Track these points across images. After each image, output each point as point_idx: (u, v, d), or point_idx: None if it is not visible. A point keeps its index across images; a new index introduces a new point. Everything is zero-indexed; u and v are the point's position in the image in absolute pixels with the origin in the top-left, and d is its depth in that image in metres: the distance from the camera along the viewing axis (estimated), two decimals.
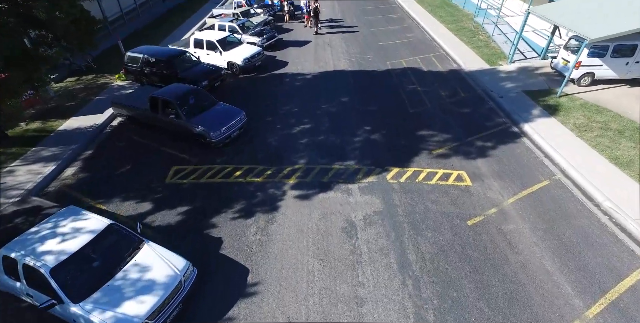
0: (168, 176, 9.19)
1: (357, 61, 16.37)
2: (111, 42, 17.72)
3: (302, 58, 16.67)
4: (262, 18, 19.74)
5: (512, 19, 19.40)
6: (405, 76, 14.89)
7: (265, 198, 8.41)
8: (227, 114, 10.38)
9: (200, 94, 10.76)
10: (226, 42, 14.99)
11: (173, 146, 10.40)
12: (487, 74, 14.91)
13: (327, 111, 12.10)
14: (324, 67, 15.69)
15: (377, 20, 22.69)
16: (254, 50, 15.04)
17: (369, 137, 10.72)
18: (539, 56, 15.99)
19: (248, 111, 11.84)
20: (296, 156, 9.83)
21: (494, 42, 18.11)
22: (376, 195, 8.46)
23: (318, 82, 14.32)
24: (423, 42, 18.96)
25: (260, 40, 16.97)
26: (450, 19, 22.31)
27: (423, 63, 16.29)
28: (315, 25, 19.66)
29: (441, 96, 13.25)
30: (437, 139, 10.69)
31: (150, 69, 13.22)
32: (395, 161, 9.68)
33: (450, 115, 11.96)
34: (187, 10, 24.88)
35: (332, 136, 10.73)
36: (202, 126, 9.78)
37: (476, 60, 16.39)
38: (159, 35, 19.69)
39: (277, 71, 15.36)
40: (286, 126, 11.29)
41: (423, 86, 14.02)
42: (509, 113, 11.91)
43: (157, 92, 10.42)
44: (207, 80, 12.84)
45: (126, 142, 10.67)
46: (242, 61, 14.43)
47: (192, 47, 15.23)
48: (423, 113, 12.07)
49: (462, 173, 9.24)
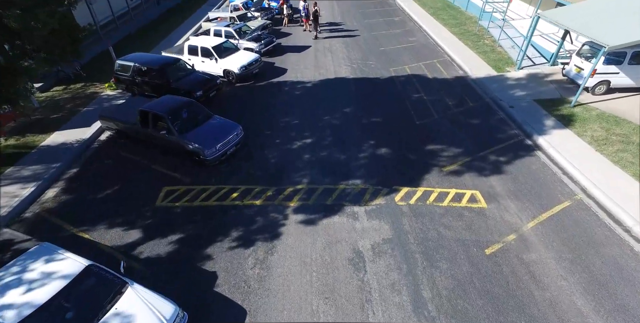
0: (159, 198, 8.48)
1: (359, 68, 15.70)
2: (102, 48, 16.98)
3: (301, 64, 15.99)
4: (260, 22, 19.05)
5: (517, 22, 18.76)
6: (409, 84, 14.23)
7: (265, 223, 7.72)
8: (223, 129, 9.69)
9: (194, 107, 10.06)
10: (222, 49, 14.29)
11: (165, 163, 9.69)
12: (495, 81, 14.28)
13: (329, 123, 11.42)
14: (324, 74, 15.02)
15: (378, 24, 22.04)
16: (251, 57, 14.35)
17: (375, 152, 10.05)
18: (548, 62, 15.37)
19: (245, 123, 11.18)
20: (297, 175, 9.15)
21: (500, 46, 17.49)
22: (385, 220, 7.79)
23: (319, 90, 13.64)
24: (426, 47, 18.31)
25: (257, 45, 16.28)
26: (453, 22, 21.68)
27: (427, 69, 15.64)
28: (315, 29, 18.99)
29: (448, 106, 12.59)
30: (447, 154, 10.03)
31: (142, 78, 12.50)
32: (403, 179, 9.02)
33: (459, 126, 11.31)
34: (182, 13, 24.15)
35: (335, 152, 10.05)
36: (196, 142, 9.08)
37: (482, 66, 15.76)
38: (153, 40, 18.96)
39: (276, 78, 14.67)
40: (286, 140, 10.60)
41: (429, 95, 13.37)
42: (521, 124, 11.27)
43: (148, 106, 9.72)
44: (202, 90, 12.14)
45: (114, 159, 9.95)
46: (239, 68, 13.74)
47: (186, 54, 14.53)
48: (430, 125, 11.41)
49: (476, 193, 8.58)
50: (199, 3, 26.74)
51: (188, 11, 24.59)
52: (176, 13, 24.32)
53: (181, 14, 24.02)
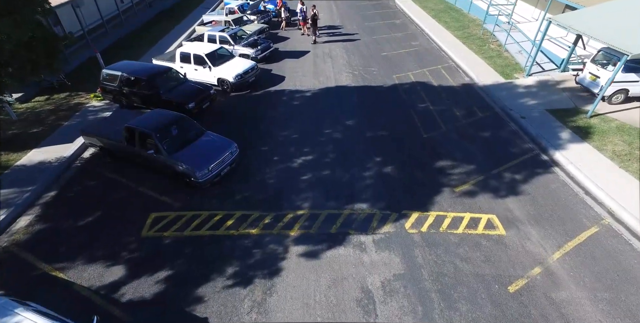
0: (145, 226, 7.69)
1: (361, 75, 14.96)
2: (89, 54, 16.09)
3: (300, 72, 15.22)
4: (256, 26, 18.26)
5: (524, 25, 18.09)
6: (414, 92, 13.50)
7: (263, 257, 6.95)
8: (216, 148, 8.90)
9: (184, 123, 9.27)
10: (216, 56, 13.49)
11: (153, 185, 8.90)
12: (504, 89, 13.57)
13: (331, 138, 10.66)
14: (324, 82, 14.26)
15: (379, 27, 21.30)
16: (247, 65, 13.56)
17: (381, 170, 9.30)
18: (558, 68, 14.68)
19: (241, 137, 10.42)
20: (298, 198, 8.38)
21: (507, 51, 16.80)
22: (395, 251, 7.04)
23: (319, 100, 12.88)
24: (430, 52, 17.59)
25: (254, 52, 15.49)
26: (456, 25, 20.99)
27: (432, 76, 14.92)
28: (314, 33, 18.22)
29: (456, 117, 11.87)
30: (458, 171, 9.30)
31: (130, 88, 11.69)
32: (413, 202, 8.27)
33: (470, 140, 10.58)
34: (175, 16, 23.32)
35: (338, 170, 9.29)
36: (186, 163, 8.30)
37: (489, 72, 15.06)
38: (144, 45, 18.13)
39: (273, 87, 13.90)
40: (285, 157, 9.83)
41: (435, 104, 12.64)
42: (535, 137, 10.56)
43: (134, 122, 8.91)
44: (195, 102, 11.34)
45: (98, 180, 9.14)
46: (234, 77, 12.95)
47: (178, 61, 13.72)
48: (439, 138, 10.68)
49: (493, 217, 7.85)
50: (193, 5, 25.93)
51: (181, 14, 23.76)
52: (169, 16, 23.49)
53: (174, 16, 23.19)
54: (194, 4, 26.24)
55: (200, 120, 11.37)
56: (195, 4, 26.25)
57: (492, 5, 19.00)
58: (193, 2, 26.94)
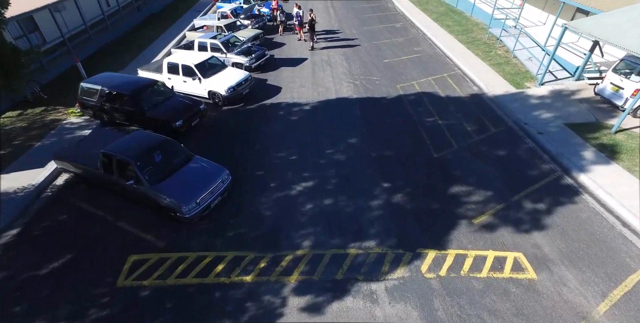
0: (122, 273, 6.65)
1: (362, 85, 13.98)
2: (71, 62, 14.93)
3: (297, 82, 14.21)
4: (251, 32, 17.22)
5: (530, 30, 17.21)
6: (420, 104, 12.55)
7: (258, 312, 5.95)
8: (206, 176, 7.88)
9: (169, 147, 8.24)
10: (206, 67, 12.45)
11: (134, 218, 7.86)
12: (516, 100, 12.67)
13: (333, 160, 9.67)
14: (324, 93, 13.26)
15: (379, 31, 20.35)
16: (240, 76, 12.52)
17: (390, 199, 8.33)
18: (572, 76, 13.81)
19: (234, 160, 9.44)
20: (298, 235, 7.38)
21: (515, 57, 15.91)
22: (411, 302, 6.07)
23: (319, 115, 11.87)
24: (434, 58, 16.66)
25: (248, 60, 14.47)
26: (459, 29, 20.10)
27: (438, 86, 13.99)
28: (311, 39, 17.22)
29: (467, 132, 10.94)
30: (475, 199, 8.36)
31: (111, 104, 10.62)
32: (428, 238, 7.31)
33: (484, 160, 9.65)
34: (165, 20, 22.21)
35: (342, 199, 8.30)
36: (171, 195, 7.27)
37: (499, 81, 14.16)
38: (130, 53, 17.02)
39: (269, 99, 12.88)
40: (282, 183, 8.83)
41: (444, 118, 11.70)
42: (556, 157, 9.65)
43: (112, 147, 7.87)
44: (182, 119, 10.31)
45: (70, 213, 8.07)
46: (227, 90, 11.92)
47: (166, 72, 12.66)
48: (451, 159, 9.74)
49: (519, 256, 6.91)
50: (184, 8, 24.83)
51: (171, 18, 22.66)
52: (158, 20, 22.37)
53: (164, 21, 22.08)
54: (185, 7, 25.13)
55: (188, 139, 10.39)
56: (186, 7, 25.15)
57: (498, 9, 18.11)
58: (184, 5, 25.84)
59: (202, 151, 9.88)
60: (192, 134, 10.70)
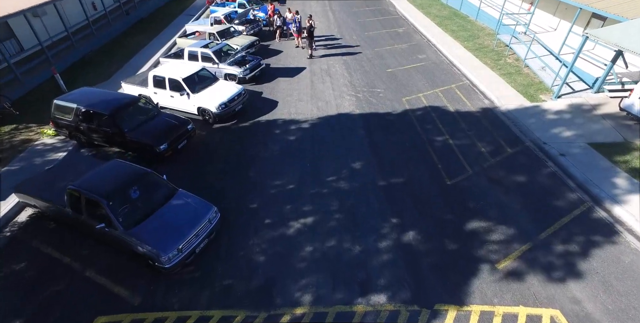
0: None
1: (365, 98, 12.97)
2: (48, 74, 13.81)
3: (295, 95, 13.17)
4: (245, 40, 16.15)
5: (541, 36, 16.23)
6: (429, 121, 11.56)
7: None
8: (190, 216, 6.85)
9: (149, 182, 7.20)
10: (195, 81, 11.40)
11: (106, 267, 6.80)
12: (531, 115, 11.71)
13: (336, 189, 8.65)
14: (324, 108, 12.23)
15: (381, 37, 19.34)
16: (232, 90, 11.48)
17: (400, 238, 7.33)
18: (591, 88, 12.85)
19: (224, 189, 8.43)
20: (296, 287, 6.36)
21: (527, 67, 14.96)
22: None
23: (319, 135, 10.82)
24: (440, 67, 15.67)
25: (242, 71, 13.42)
26: (464, 35, 19.12)
27: (447, 98, 13.00)
28: (310, 46, 16.18)
29: (482, 154, 9.96)
30: (496, 237, 7.37)
31: (88, 125, 9.56)
32: (446, 290, 6.31)
33: (502, 188, 8.67)
34: (155, 24, 21.11)
35: (346, 240, 7.29)
36: (149, 243, 6.23)
37: (511, 93, 13.19)
38: (116, 62, 15.93)
39: (264, 116, 11.83)
40: (278, 219, 7.80)
41: (455, 137, 10.71)
42: (583, 184, 8.67)
43: (81, 183, 6.82)
44: (168, 142, 9.26)
45: (32, 260, 6.97)
46: (218, 107, 10.87)
47: (152, 86, 11.60)
48: (466, 186, 8.75)
49: (557, 315, 5.93)
50: (176, 12, 23.74)
51: (162, 22, 21.57)
52: (148, 25, 21.28)
53: (154, 26, 20.99)
54: (177, 11, 24.04)
55: (173, 164, 9.37)
56: (178, 11, 24.06)
57: (507, 15, 17.13)
58: (176, 8, 24.75)
59: (188, 180, 8.88)
60: (178, 157, 9.66)
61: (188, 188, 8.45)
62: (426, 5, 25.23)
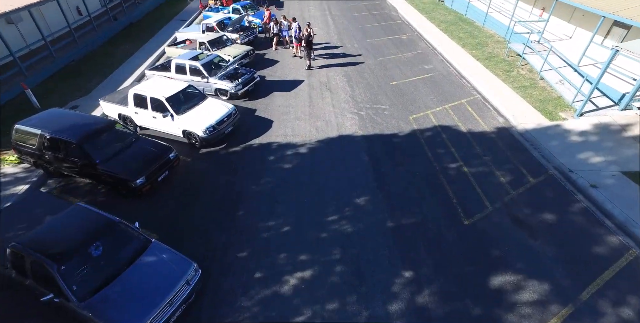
0: None
1: (369, 116, 11.81)
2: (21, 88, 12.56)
3: (292, 112, 12.00)
4: (239, 50, 14.96)
5: (556, 45, 15.10)
6: (440, 144, 10.42)
7: None
8: (163, 278, 5.68)
9: (115, 234, 6.01)
10: (181, 100, 10.23)
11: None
12: (552, 137, 10.60)
13: (338, 233, 7.49)
14: (323, 129, 11.07)
15: (384, 45, 18.19)
16: (222, 111, 10.30)
17: (415, 299, 6.18)
18: (617, 105, 11.74)
19: (208, 233, 7.26)
20: None
21: (543, 79, 13.85)
22: None
23: (318, 162, 9.65)
24: (448, 79, 14.54)
25: (233, 86, 12.24)
26: (472, 42, 18.01)
27: (458, 116, 11.87)
28: (308, 57, 15.01)
29: (501, 185, 8.83)
30: (528, 296, 6.24)
31: (55, 153, 8.37)
32: None
33: (529, 230, 7.55)
34: (144, 32, 19.90)
35: (351, 302, 6.14)
36: (109, 318, 5.06)
37: (527, 110, 12.09)
38: (97, 74, 14.69)
39: (257, 138, 10.64)
40: (271, 273, 6.64)
41: (470, 164, 9.58)
42: (623, 224, 7.56)
43: (27, 239, 5.64)
44: (146, 175, 8.08)
45: None
46: (205, 131, 9.69)
47: (132, 105, 10.42)
48: (486, 228, 7.62)
49: None
50: (167, 17, 22.53)
51: (152, 29, 20.36)
52: (138, 31, 20.07)
53: (143, 32, 19.79)
54: (169, 16, 22.84)
55: (150, 200, 8.22)
56: (169, 15, 22.86)
57: (520, 22, 16.01)
58: (168, 13, 23.56)
59: (168, 221, 7.71)
60: (158, 192, 8.49)
61: (166, 232, 7.33)
62: (430, 9, 24.12)
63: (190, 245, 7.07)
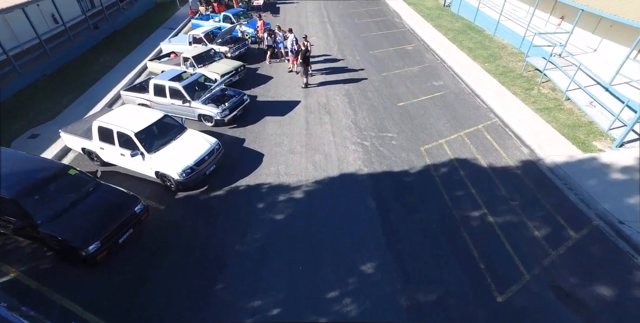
0: None
1: (374, 147, 10.26)
2: None
3: (286, 143, 10.42)
4: (228, 67, 13.34)
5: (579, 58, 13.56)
6: (458, 183, 8.89)
7: None
8: None
9: None
10: (154, 134, 8.65)
11: None
12: (590, 174, 9.10)
13: (341, 315, 5.93)
14: (322, 165, 9.50)
15: (388, 56, 16.64)
16: (202, 147, 8.70)
17: None
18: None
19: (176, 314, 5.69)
20: None
21: (569, 100, 12.33)
22: None
23: (315, 212, 8.02)
24: (461, 99, 13.01)
25: (219, 112, 10.65)
26: (484, 54, 16.50)
27: (475, 146, 10.35)
28: (305, 74, 13.44)
29: (537, 241, 7.33)
30: None
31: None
32: None
33: (580, 309, 6.03)
34: (127, 40, 18.30)
35: None
36: None
37: (554, 138, 10.60)
38: (69, 92, 13.04)
39: (245, 178, 9.05)
40: None
41: (496, 211, 8.07)
42: None
43: None
44: (101, 239, 6.50)
45: None
46: (181, 173, 8.09)
47: (97, 139, 8.85)
48: (525, 305, 6.12)
49: None
50: (155, 24, 20.92)
51: (137, 36, 18.78)
52: (121, 40, 18.48)
53: (127, 41, 18.19)
54: (156, 23, 21.23)
55: (106, 269, 6.63)
56: (157, 22, 21.25)
57: (540, 35, 14.47)
58: (156, 19, 21.94)
59: (124, 303, 6.12)
60: (118, 256, 6.91)
61: (121, 319, 5.76)
62: (435, 16, 22.59)
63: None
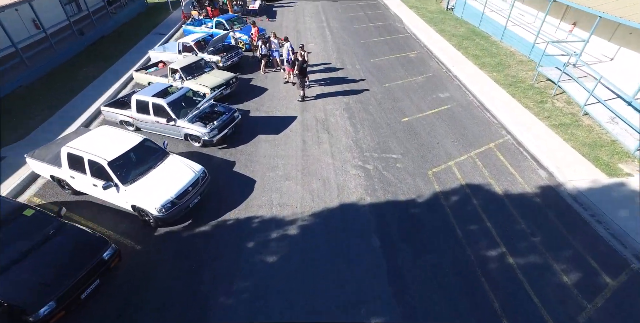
0: None
1: (377, 171, 9.30)
2: None
3: (280, 167, 9.45)
4: (218, 78, 12.36)
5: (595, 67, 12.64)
6: (471, 215, 7.95)
7: None
8: None
9: None
10: (131, 161, 7.67)
11: None
12: (619, 204, 8.22)
13: None
14: (319, 194, 8.53)
15: (390, 65, 15.70)
16: (186, 177, 7.70)
17: None
18: None
19: None
20: None
21: (588, 114, 11.43)
22: None
23: (311, 253, 7.05)
24: (469, 113, 12.08)
25: (207, 131, 9.66)
26: (491, 63, 15.59)
27: (487, 168, 9.42)
28: (301, 87, 12.46)
29: (567, 290, 6.40)
30: None
31: None
32: None
33: None
34: (114, 48, 17.29)
35: None
36: None
37: (574, 159, 9.70)
38: (44, 107, 11.98)
39: (233, 210, 8.06)
40: None
41: (515, 250, 7.15)
42: None
43: None
44: (57, 297, 5.51)
45: None
46: (161, 208, 7.09)
47: (67, 167, 7.86)
48: None
49: None
50: (145, 29, 19.92)
51: (125, 43, 17.78)
52: (107, 47, 17.48)
53: (114, 49, 17.19)
54: (147, 27, 20.23)
55: None
56: (148, 27, 20.24)
57: (553, 43, 13.53)
58: (147, 24, 20.94)
59: None
60: (77, 315, 5.92)
61: None
62: (438, 20, 21.65)
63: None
